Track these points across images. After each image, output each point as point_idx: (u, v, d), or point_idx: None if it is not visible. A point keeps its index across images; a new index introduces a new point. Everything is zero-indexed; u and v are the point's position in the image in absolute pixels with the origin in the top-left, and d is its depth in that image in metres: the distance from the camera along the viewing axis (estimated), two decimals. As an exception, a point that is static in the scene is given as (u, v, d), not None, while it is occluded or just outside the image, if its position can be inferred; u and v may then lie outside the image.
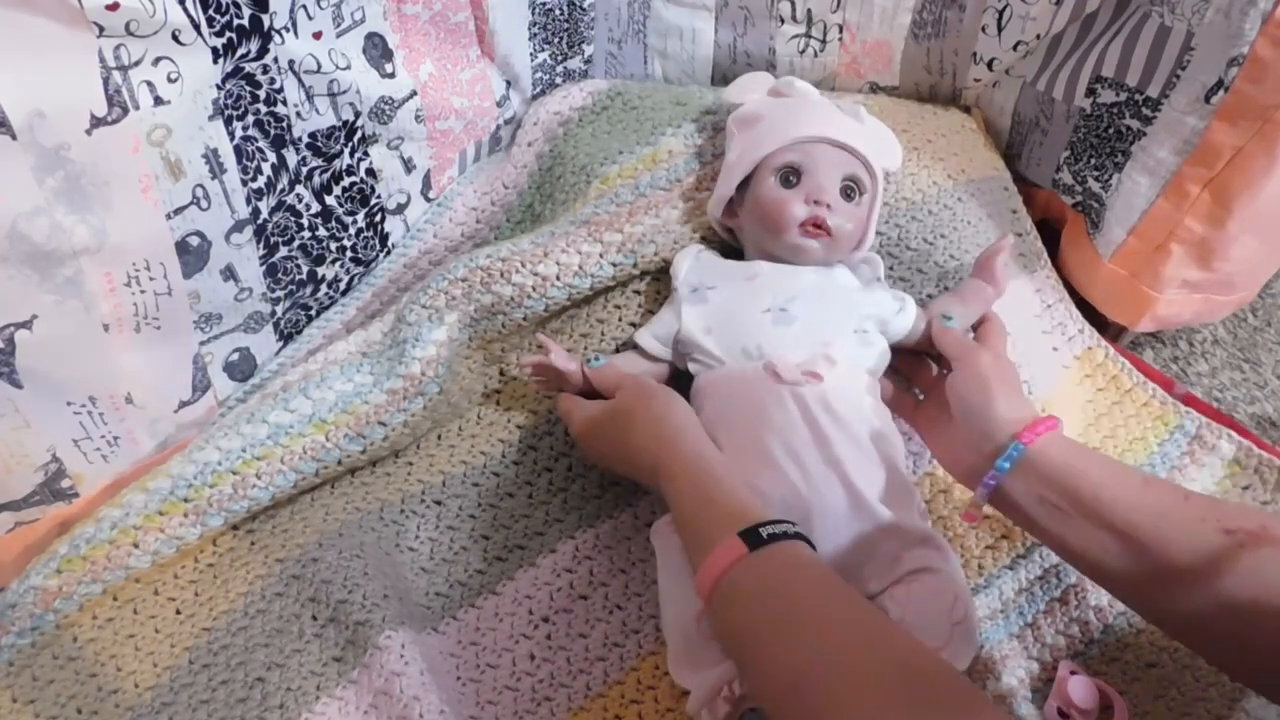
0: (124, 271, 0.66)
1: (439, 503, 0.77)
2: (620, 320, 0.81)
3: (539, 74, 0.98)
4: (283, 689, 0.65)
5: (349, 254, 0.87)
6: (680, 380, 0.80)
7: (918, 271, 0.85)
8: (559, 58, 0.99)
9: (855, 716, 0.47)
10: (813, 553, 0.58)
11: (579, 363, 0.75)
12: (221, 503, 0.70)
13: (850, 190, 0.76)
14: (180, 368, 0.76)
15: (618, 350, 0.80)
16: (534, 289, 0.77)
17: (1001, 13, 0.90)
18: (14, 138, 0.56)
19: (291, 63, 0.72)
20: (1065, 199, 0.94)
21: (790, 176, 0.75)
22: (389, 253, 0.92)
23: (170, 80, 0.64)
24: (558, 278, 0.78)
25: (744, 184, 0.78)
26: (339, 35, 0.76)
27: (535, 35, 0.95)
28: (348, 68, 0.77)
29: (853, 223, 0.75)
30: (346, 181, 0.83)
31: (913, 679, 0.48)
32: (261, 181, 0.74)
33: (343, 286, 0.89)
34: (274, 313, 0.83)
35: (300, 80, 0.74)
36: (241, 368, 0.82)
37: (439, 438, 0.81)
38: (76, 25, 0.57)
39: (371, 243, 0.89)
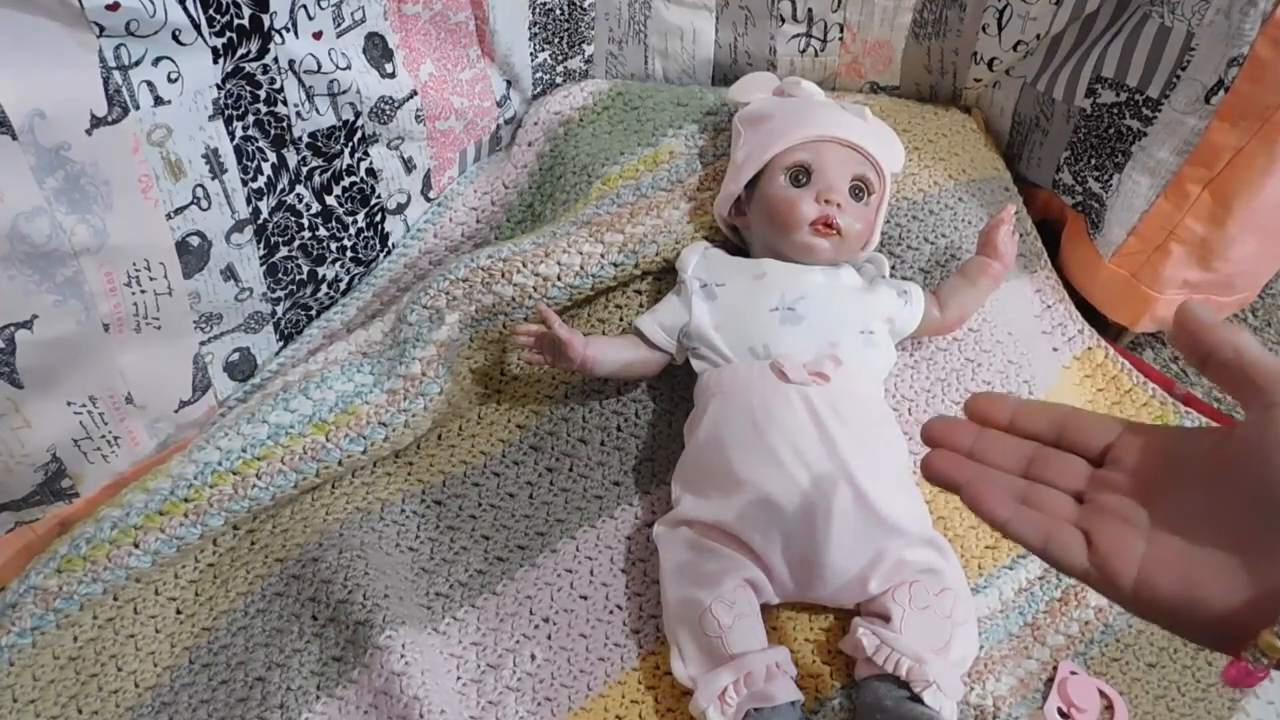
0: (124, 271, 0.66)
1: (439, 503, 0.77)
2: (621, 320, 0.81)
3: (539, 74, 0.98)
4: (283, 689, 0.65)
5: (349, 254, 0.87)
6: (680, 376, 0.80)
7: (918, 271, 0.86)
8: (559, 58, 0.99)
9: None
10: None
11: (580, 335, 0.74)
12: (222, 502, 0.70)
13: (859, 190, 0.76)
14: (180, 368, 0.76)
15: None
16: (535, 289, 0.77)
17: (1002, 13, 0.90)
18: (14, 138, 0.56)
19: (292, 63, 0.72)
20: (1065, 199, 0.94)
21: (800, 175, 0.75)
22: (389, 253, 0.92)
23: (170, 80, 0.64)
24: (559, 278, 0.78)
25: (752, 183, 0.78)
26: (339, 35, 0.76)
27: (535, 35, 0.95)
28: (348, 68, 0.77)
29: (862, 223, 0.75)
30: (347, 181, 0.83)
31: None
32: (262, 181, 0.74)
33: (343, 286, 0.89)
34: (274, 313, 0.83)
35: (300, 80, 0.74)
36: (242, 368, 0.82)
37: (439, 438, 0.81)
38: (77, 25, 0.57)
39: (372, 243, 0.89)
